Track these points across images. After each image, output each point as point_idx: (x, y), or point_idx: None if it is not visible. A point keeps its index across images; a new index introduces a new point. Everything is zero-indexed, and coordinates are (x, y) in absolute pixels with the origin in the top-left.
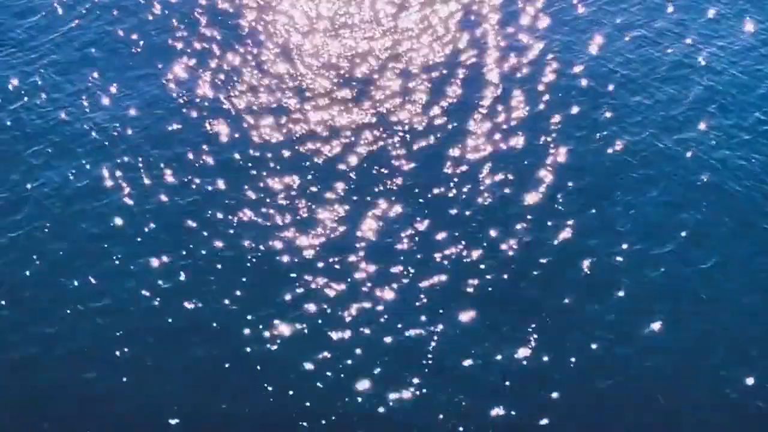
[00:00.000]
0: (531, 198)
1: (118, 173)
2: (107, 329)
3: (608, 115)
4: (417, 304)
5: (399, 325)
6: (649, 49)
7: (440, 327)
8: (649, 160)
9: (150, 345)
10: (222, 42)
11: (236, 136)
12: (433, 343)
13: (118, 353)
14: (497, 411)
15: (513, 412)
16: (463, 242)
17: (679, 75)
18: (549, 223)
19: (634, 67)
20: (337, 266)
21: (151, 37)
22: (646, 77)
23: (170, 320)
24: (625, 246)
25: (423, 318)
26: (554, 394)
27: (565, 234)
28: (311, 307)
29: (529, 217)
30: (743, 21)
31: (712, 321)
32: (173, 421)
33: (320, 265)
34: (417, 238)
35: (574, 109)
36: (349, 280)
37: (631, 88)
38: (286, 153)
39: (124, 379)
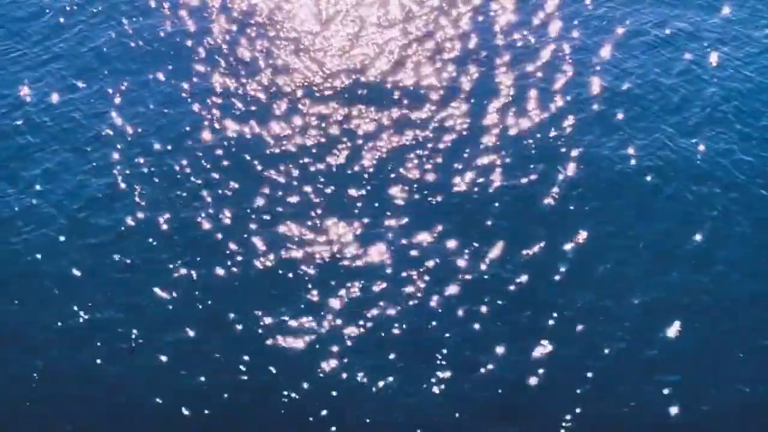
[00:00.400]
0: (545, 199)
1: (132, 173)
2: (123, 328)
3: (621, 116)
4: (433, 304)
5: (415, 326)
6: (661, 50)
7: (457, 327)
8: (662, 161)
9: (165, 344)
10: (236, 42)
11: (249, 137)
12: (450, 344)
13: (133, 353)
14: (512, 411)
15: (528, 412)
16: (478, 243)
17: (692, 76)
18: (564, 224)
19: (647, 68)
20: (353, 266)
21: (163, 37)
22: (659, 78)
23: (185, 320)
24: (639, 246)
25: (440, 318)
26: (570, 394)
27: (580, 235)
28: (327, 309)
29: (543, 217)
30: (756, 22)
31: (729, 322)
32: (188, 420)
33: (336, 265)
34: (433, 238)
35: (587, 111)
36: (365, 280)
37: (644, 88)
38: (301, 154)
39: (139, 378)
